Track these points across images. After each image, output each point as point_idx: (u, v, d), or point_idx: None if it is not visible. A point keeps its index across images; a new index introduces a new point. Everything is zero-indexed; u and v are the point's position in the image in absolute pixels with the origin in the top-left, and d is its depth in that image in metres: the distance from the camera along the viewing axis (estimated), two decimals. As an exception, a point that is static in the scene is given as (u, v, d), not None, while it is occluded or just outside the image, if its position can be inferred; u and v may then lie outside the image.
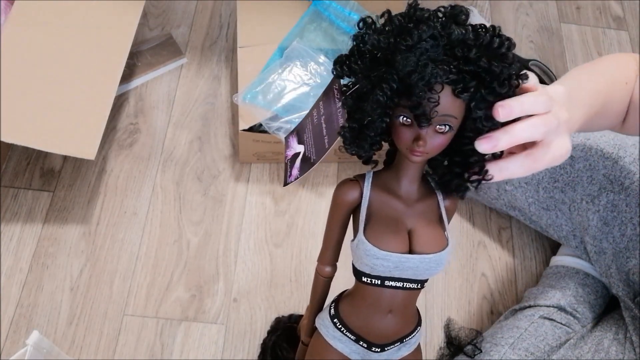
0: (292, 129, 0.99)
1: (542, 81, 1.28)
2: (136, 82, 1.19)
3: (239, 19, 1.11)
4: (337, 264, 0.60)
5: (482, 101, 0.45)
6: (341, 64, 0.49)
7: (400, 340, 0.57)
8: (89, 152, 0.91)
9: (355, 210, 0.53)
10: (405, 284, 0.52)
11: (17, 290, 0.97)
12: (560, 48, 1.37)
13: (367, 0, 1.11)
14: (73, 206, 1.05)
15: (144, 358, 0.93)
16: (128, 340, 0.94)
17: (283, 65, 1.05)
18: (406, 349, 0.58)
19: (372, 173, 0.53)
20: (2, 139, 0.87)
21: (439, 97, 0.43)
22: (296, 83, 1.03)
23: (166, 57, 1.22)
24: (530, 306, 0.91)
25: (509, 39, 0.45)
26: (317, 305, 0.61)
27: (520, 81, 0.46)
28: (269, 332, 0.94)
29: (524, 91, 0.48)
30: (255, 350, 0.94)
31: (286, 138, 0.59)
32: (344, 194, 0.52)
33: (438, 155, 0.50)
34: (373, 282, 0.52)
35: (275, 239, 1.05)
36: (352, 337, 0.56)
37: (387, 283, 0.52)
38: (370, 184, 0.52)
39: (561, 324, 0.87)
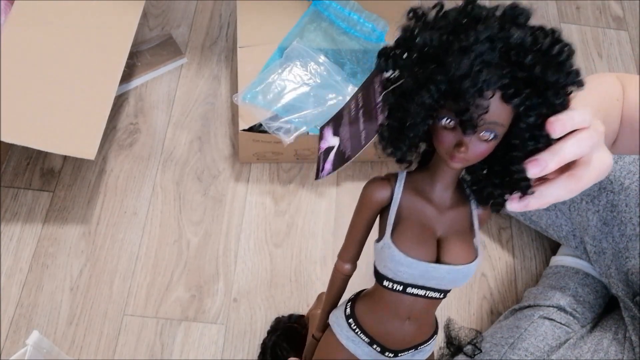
0: (292, 129, 1.00)
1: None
2: (136, 82, 1.19)
3: (239, 19, 1.11)
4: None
5: (532, 109, 0.42)
6: (386, 57, 0.45)
7: (415, 347, 0.55)
8: (89, 152, 0.91)
9: (383, 210, 0.50)
10: (427, 292, 0.49)
11: (17, 290, 0.97)
12: (560, 48, 1.36)
13: (367, 0, 1.11)
14: (73, 206, 1.05)
15: (144, 358, 0.93)
16: (128, 340, 0.94)
17: (283, 65, 1.05)
18: (420, 355, 0.56)
19: (404, 173, 0.50)
20: (2, 139, 0.87)
21: (489, 104, 0.41)
22: (296, 83, 1.03)
23: (166, 57, 1.22)
24: (530, 306, 0.91)
25: (568, 45, 0.42)
26: (332, 301, 0.58)
27: (576, 89, 0.43)
28: (269, 332, 0.94)
29: None
30: (255, 350, 0.94)
31: (321, 129, 0.55)
32: (373, 193, 0.50)
33: (478, 162, 0.47)
34: (395, 287, 0.49)
35: (275, 239, 1.05)
36: (366, 339, 0.54)
37: (409, 290, 0.49)
38: (402, 185, 0.49)
39: (561, 323, 0.87)
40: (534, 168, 0.44)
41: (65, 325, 0.94)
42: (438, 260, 0.48)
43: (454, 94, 0.41)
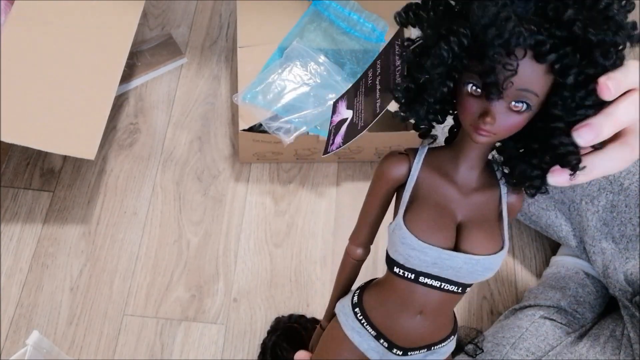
0: (292, 129, 1.00)
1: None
2: (136, 82, 1.19)
3: (239, 19, 1.11)
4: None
5: (572, 68, 0.36)
6: (407, 11, 0.40)
7: (428, 347, 0.49)
8: (89, 152, 0.91)
9: (399, 189, 0.45)
10: (443, 284, 0.44)
11: (17, 290, 0.97)
12: (560, 48, 1.37)
13: (367, 0, 1.11)
14: (73, 206, 1.05)
15: (144, 358, 0.93)
16: (128, 340, 0.94)
17: (283, 65, 1.05)
18: (434, 357, 0.50)
19: (426, 148, 0.44)
20: (2, 139, 0.87)
21: (517, 64, 0.35)
22: (296, 83, 1.03)
23: (166, 57, 1.22)
24: (530, 306, 0.91)
25: None
26: (341, 289, 0.53)
27: (630, 46, 0.37)
28: (269, 332, 0.94)
29: None
30: (255, 350, 0.94)
31: (334, 103, 0.51)
32: (387, 168, 0.45)
33: (511, 140, 0.41)
34: (406, 275, 0.44)
35: (275, 239, 1.05)
36: (372, 332, 0.48)
37: (421, 279, 0.44)
38: (421, 160, 0.44)
39: (561, 324, 0.87)
40: (588, 134, 0.37)
41: (65, 325, 0.94)
42: (456, 248, 0.43)
43: (478, 51, 0.35)
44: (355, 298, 0.50)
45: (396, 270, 0.45)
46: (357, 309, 0.49)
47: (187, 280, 1.00)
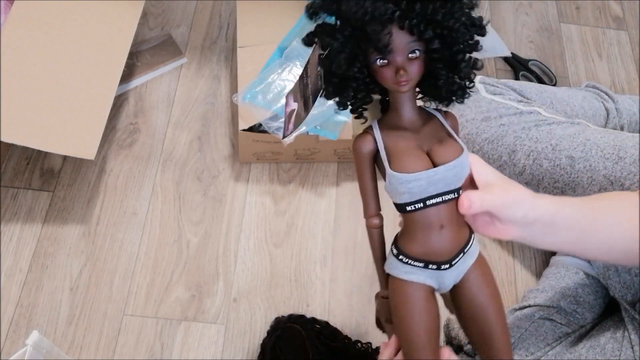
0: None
1: (541, 81, 1.28)
2: (136, 82, 1.19)
3: (238, 19, 1.11)
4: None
5: (407, 18, 0.50)
6: (308, 34, 0.56)
7: (462, 251, 0.59)
8: (88, 152, 0.91)
9: (376, 157, 0.58)
10: (443, 197, 0.56)
11: (17, 290, 0.97)
12: (560, 48, 1.37)
13: None
14: (73, 206, 1.05)
15: (144, 358, 0.93)
16: (128, 340, 0.94)
17: (283, 65, 1.05)
18: (469, 258, 0.60)
19: (376, 121, 0.58)
20: (2, 139, 0.87)
21: (391, 28, 0.50)
22: (296, 83, 1.03)
23: (166, 57, 1.22)
24: (530, 305, 0.91)
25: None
26: (380, 255, 0.64)
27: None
28: (268, 332, 0.94)
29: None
30: (255, 350, 0.94)
31: (286, 96, 0.64)
32: (359, 147, 0.57)
33: (428, 81, 0.56)
34: (417, 207, 0.55)
35: (275, 239, 1.05)
36: (419, 264, 0.58)
37: (428, 202, 0.55)
38: (378, 128, 0.57)
39: (561, 324, 0.87)
40: (462, 203, 0.55)
41: (65, 325, 0.94)
42: (435, 166, 0.55)
43: (365, 36, 0.50)
44: (394, 250, 0.60)
45: (409, 209, 0.56)
46: (400, 256, 0.59)
47: (187, 280, 1.00)
